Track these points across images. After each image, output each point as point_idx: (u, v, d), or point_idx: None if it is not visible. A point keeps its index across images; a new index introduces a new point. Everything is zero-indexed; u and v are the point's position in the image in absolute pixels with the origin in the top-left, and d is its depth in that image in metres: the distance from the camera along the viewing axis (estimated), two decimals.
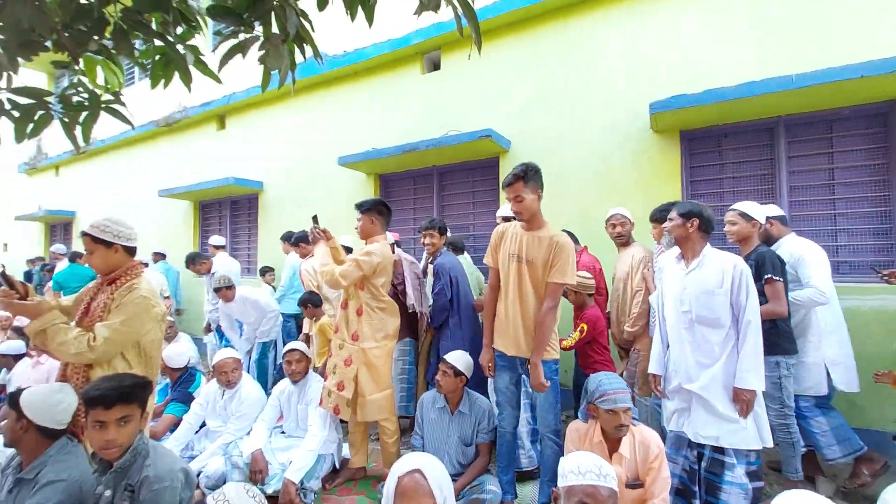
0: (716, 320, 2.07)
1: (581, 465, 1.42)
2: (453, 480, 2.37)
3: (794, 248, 2.67)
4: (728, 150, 3.73)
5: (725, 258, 2.11)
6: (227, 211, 7.24)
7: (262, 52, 1.70)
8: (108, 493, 1.60)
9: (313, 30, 1.71)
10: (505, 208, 3.45)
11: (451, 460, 2.55)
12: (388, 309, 2.82)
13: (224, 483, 2.69)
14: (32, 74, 9.58)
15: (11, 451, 1.78)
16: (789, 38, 3.43)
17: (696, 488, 2.11)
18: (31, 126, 1.85)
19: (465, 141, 4.27)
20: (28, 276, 8.27)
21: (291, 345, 3.06)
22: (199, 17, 1.92)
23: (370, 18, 1.49)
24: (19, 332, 4.34)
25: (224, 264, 5.05)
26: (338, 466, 2.94)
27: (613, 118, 4.05)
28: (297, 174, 6.18)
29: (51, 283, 6.61)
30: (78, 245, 9.19)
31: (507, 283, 2.40)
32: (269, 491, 2.60)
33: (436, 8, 1.31)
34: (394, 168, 5.28)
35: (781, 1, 3.45)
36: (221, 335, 4.71)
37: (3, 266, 2.33)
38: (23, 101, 1.82)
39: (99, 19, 1.79)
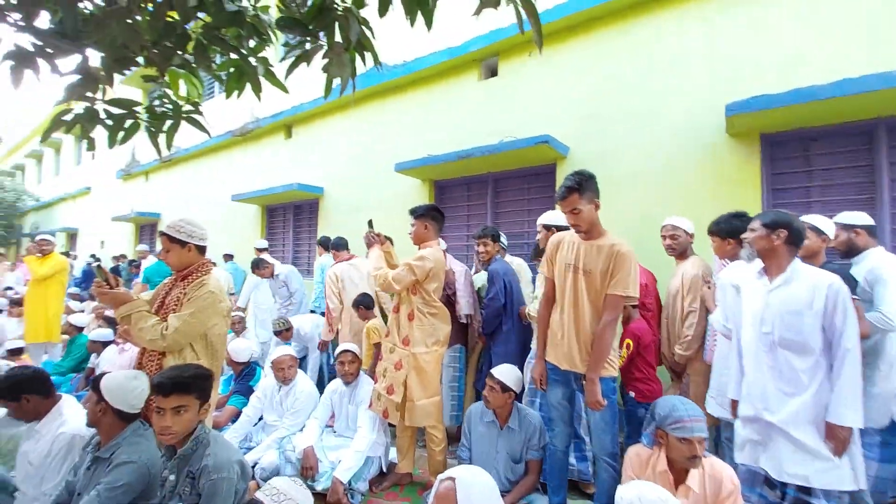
0: (802, 344, 1.83)
1: (643, 496, 1.30)
2: (502, 497, 2.30)
3: (876, 263, 2.32)
4: (818, 155, 3.36)
5: (819, 275, 1.87)
6: (291, 215, 7.62)
7: (326, 60, 1.76)
8: (172, 477, 1.70)
9: (374, 37, 1.74)
10: (547, 216, 3.31)
11: (500, 476, 2.47)
12: (440, 315, 2.81)
13: (278, 475, 2.80)
14: (129, 90, 10.72)
15: (93, 430, 1.94)
16: (893, 30, 3.04)
17: None
18: (121, 134, 2.04)
19: (521, 147, 4.19)
20: (115, 270, 9.19)
21: (344, 346, 3.13)
22: (269, 31, 2.04)
23: (429, 23, 1.48)
24: (108, 321, 4.81)
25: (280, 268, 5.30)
26: (384, 470, 2.95)
27: (683, 121, 3.80)
28: (356, 180, 6.38)
29: (138, 278, 7.36)
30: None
31: (563, 295, 2.29)
32: (319, 488, 2.65)
33: (496, 4, 1.27)
34: (449, 175, 5.30)
35: None
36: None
37: (99, 260, 2.57)
38: (115, 111, 2.01)
39: (182, 36, 1.94)
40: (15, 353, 4.20)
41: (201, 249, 2.28)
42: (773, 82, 3.33)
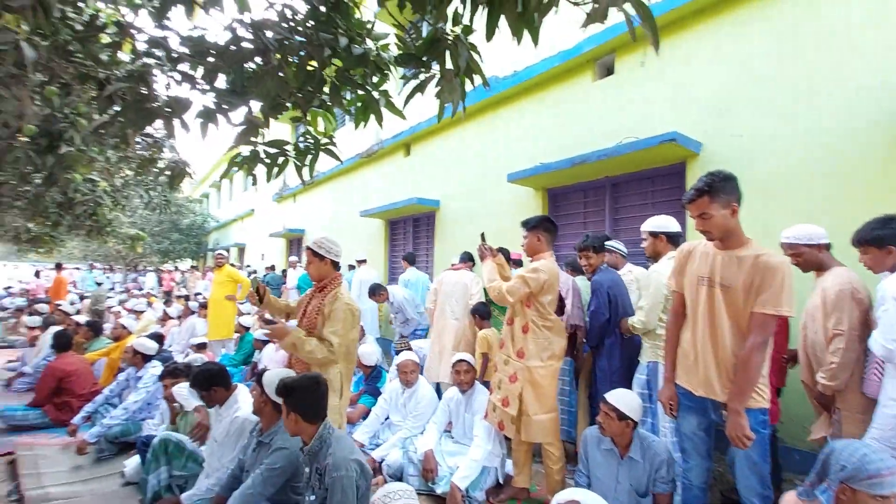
0: None
1: None
2: None
3: None
4: None
5: None
6: (410, 227, 8.15)
7: (438, 87, 1.88)
8: (307, 469, 1.94)
9: (482, 60, 1.80)
10: (652, 222, 3.04)
11: None
12: (555, 328, 2.74)
13: (402, 474, 3.00)
14: (281, 127, 12.63)
15: (256, 418, 2.32)
16: None
17: None
18: (275, 169, 2.43)
19: (643, 148, 3.88)
20: (267, 278, 10.80)
21: (459, 355, 3.23)
22: (389, 66, 2.24)
23: (535, 39, 1.48)
24: (268, 323, 5.68)
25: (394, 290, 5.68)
26: (501, 481, 2.96)
27: (846, 105, 3.13)
28: (470, 191, 6.57)
29: (286, 284, 8.63)
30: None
31: (696, 312, 2.06)
32: (439, 491, 2.77)
33: (602, 18, 1.23)
34: (563, 182, 5.15)
35: None
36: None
37: (255, 272, 3.09)
38: (271, 150, 2.40)
39: (321, 80, 2.24)
40: (200, 347, 5.20)
41: (335, 264, 2.59)
42: None
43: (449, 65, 1.84)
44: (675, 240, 2.99)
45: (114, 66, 2.39)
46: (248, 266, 13.30)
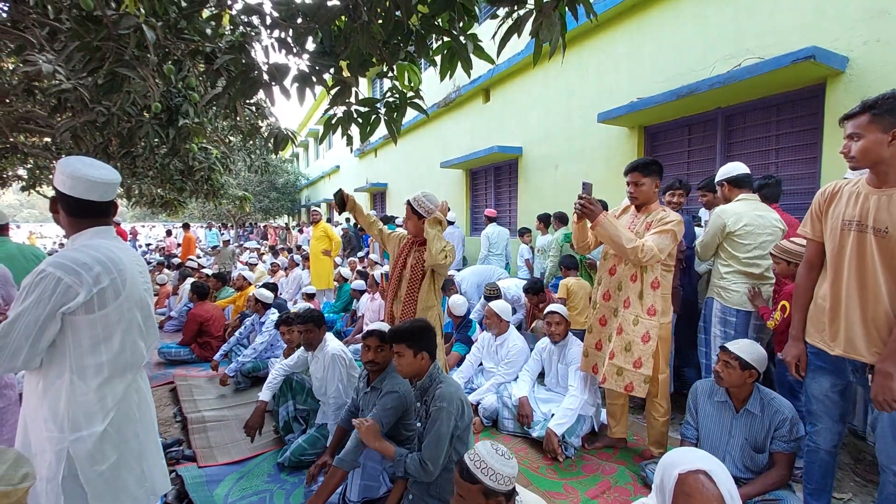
0: None
1: None
2: (738, 485, 2.06)
3: None
4: None
5: None
6: (492, 177, 8.00)
7: (535, 24, 1.72)
8: (417, 404, 2.11)
9: None
10: (728, 168, 2.89)
11: (735, 462, 2.20)
12: (670, 281, 2.62)
13: (497, 416, 3.15)
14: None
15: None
16: None
17: None
18: (369, 128, 2.47)
19: (769, 70, 3.30)
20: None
21: (552, 307, 3.20)
22: (476, 8, 2.10)
23: None
24: (361, 275, 6.08)
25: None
26: (596, 430, 2.98)
27: None
28: (554, 136, 6.21)
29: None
30: (391, 209, 12.04)
31: (840, 262, 1.79)
32: (534, 435, 2.88)
33: None
34: (664, 118, 4.62)
35: None
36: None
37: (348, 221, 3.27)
38: (363, 109, 2.43)
39: (407, 31, 2.18)
40: (310, 297, 5.77)
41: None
42: None
43: None
44: (739, 183, 2.86)
45: (217, 39, 2.53)
46: (348, 220, 14.03)
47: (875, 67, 3.11)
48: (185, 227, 12.24)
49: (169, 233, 15.44)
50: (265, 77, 2.37)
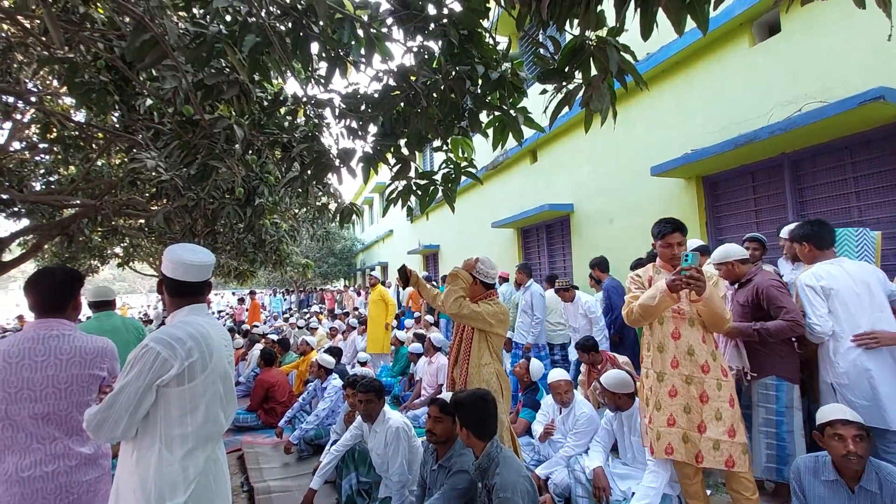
0: None
1: None
2: None
3: None
4: None
5: None
6: (544, 234, 7.99)
7: (585, 96, 1.80)
8: (479, 485, 1.99)
9: (636, 59, 1.67)
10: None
11: None
12: None
13: (569, 494, 2.90)
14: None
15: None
16: None
17: None
18: (427, 199, 2.61)
19: (835, 113, 3.17)
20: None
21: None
22: (524, 85, 2.24)
23: (704, 26, 1.32)
24: (418, 338, 6.10)
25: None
26: None
27: None
28: (606, 190, 6.18)
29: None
30: (443, 270, 12.23)
31: None
32: None
33: None
34: (723, 166, 4.49)
35: None
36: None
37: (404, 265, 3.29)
38: (422, 182, 2.59)
39: (461, 110, 2.35)
40: (363, 364, 5.83)
41: (486, 286, 2.70)
42: None
43: (594, 70, 1.75)
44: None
45: (293, 130, 2.85)
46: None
47: None
48: (251, 294, 13.07)
49: (242, 301, 16.48)
50: (335, 161, 2.62)
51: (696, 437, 2.33)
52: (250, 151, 3.30)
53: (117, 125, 4.00)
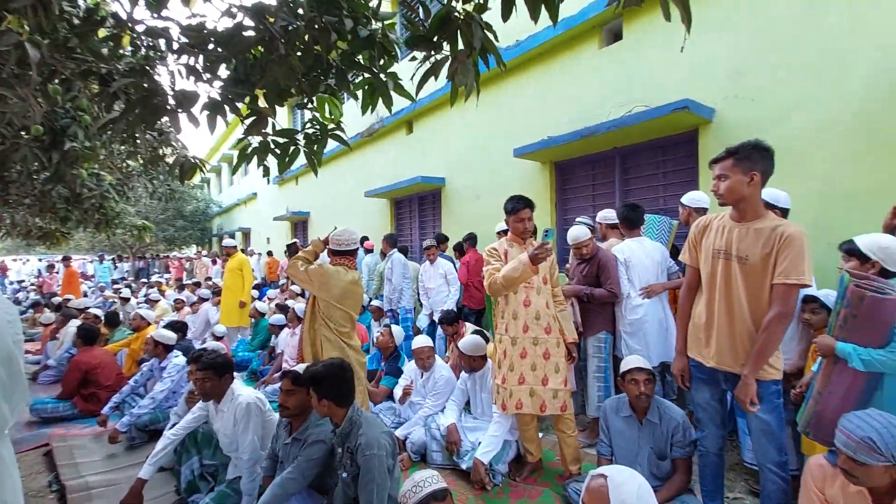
0: None
1: None
2: None
3: None
4: None
5: None
6: (416, 206, 8.12)
7: (451, 69, 1.83)
8: (339, 450, 2.01)
9: (497, 40, 1.75)
10: (694, 196, 3.23)
11: (645, 473, 2.35)
12: None
13: (425, 450, 3.10)
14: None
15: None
16: None
17: None
18: (287, 159, 2.41)
19: (654, 117, 3.80)
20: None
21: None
22: (396, 48, 2.19)
23: (554, 17, 1.44)
24: (281, 308, 5.75)
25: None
26: (522, 454, 3.05)
27: (876, 68, 3.02)
28: (475, 167, 6.50)
29: None
30: (312, 236, 11.64)
31: (712, 285, 2.06)
32: (463, 466, 2.87)
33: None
34: (570, 154, 5.07)
35: None
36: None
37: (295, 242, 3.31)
38: (281, 140, 2.37)
39: (327, 65, 2.19)
40: (218, 338, 5.31)
41: (338, 253, 2.88)
42: None
43: (461, 45, 1.79)
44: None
45: (115, 60, 2.34)
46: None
47: (735, 118, 3.72)
48: (66, 260, 10.76)
49: (52, 267, 13.36)
50: (171, 103, 2.23)
51: (540, 389, 2.70)
52: (55, 81, 2.62)
53: None
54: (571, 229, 3.38)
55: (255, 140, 2.34)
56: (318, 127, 2.54)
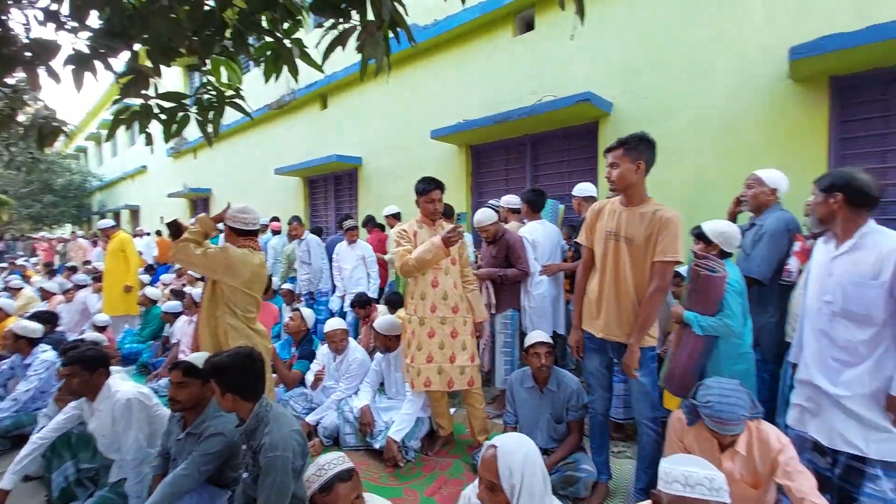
0: (865, 316, 1.74)
1: (690, 475, 1.31)
2: (547, 455, 2.42)
3: None
4: None
5: (889, 242, 1.71)
6: (332, 185, 7.80)
7: (360, 41, 1.75)
8: (244, 447, 1.86)
9: (406, 13, 1.71)
10: (581, 187, 3.60)
11: (545, 437, 2.58)
12: None
13: (338, 434, 3.06)
14: (169, 73, 11.03)
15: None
16: None
17: (827, 496, 1.87)
18: (174, 127, 2.15)
19: (560, 107, 4.02)
20: None
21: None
22: (301, 12, 2.04)
23: None
24: (176, 294, 5.23)
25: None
26: (435, 429, 3.14)
27: (738, 70, 3.49)
28: (392, 148, 6.39)
29: None
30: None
31: (604, 264, 2.27)
32: (377, 446, 2.89)
33: None
34: (485, 139, 5.20)
35: None
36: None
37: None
38: (167, 104, 2.11)
39: (221, 24, 1.98)
40: (101, 329, 4.67)
41: (239, 232, 2.60)
42: (845, 21, 2.97)
43: (370, 15, 1.72)
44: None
45: None
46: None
47: (630, 112, 4.07)
48: None
49: None
50: (27, 55, 1.87)
51: (448, 367, 2.78)
52: None
53: None
54: (477, 212, 3.49)
55: (137, 102, 2.06)
56: (213, 93, 2.31)
